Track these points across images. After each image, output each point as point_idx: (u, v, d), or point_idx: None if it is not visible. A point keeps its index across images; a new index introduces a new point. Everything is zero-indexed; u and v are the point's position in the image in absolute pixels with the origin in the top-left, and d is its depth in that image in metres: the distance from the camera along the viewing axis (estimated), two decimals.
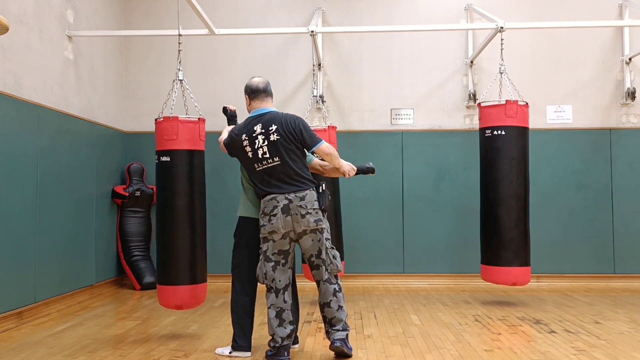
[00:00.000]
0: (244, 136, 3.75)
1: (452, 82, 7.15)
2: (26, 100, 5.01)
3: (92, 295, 6.10)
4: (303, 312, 5.23)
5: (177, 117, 4.30)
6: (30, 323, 4.87)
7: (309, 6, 7.18)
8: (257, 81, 3.94)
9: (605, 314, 5.15)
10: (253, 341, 3.94)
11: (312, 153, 3.99)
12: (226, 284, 6.51)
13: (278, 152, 3.68)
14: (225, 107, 4.19)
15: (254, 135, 3.73)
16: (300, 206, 3.64)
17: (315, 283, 3.83)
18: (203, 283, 4.36)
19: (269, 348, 3.73)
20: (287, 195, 3.65)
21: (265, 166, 3.69)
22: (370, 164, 4.04)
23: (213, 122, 6.80)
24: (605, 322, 4.79)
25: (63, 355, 3.90)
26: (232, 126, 4.01)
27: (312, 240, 3.70)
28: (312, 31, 5.90)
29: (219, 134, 4.12)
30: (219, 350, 3.92)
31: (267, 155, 3.68)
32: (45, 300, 5.20)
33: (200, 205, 4.39)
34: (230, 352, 3.84)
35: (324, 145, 3.78)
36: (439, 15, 7.15)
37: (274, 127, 3.72)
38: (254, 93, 3.89)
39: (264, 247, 3.71)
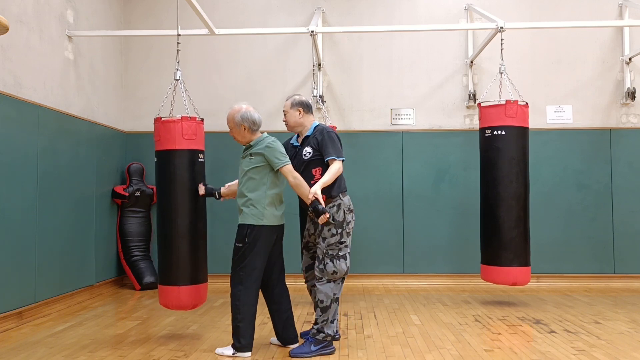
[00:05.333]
0: None
1: (452, 82, 7.15)
2: (26, 100, 5.01)
3: (92, 295, 6.10)
4: (303, 312, 5.24)
5: (160, 118, 4.28)
6: (30, 323, 4.87)
7: (309, 6, 7.18)
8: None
9: (605, 314, 5.15)
10: (253, 341, 3.93)
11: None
12: (226, 284, 6.51)
13: None
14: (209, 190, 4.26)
15: None
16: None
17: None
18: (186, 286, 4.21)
19: (319, 341, 3.83)
20: None
21: None
22: (322, 208, 3.76)
23: (213, 122, 6.81)
24: (605, 322, 4.79)
25: (63, 355, 3.90)
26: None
27: None
28: (312, 31, 5.90)
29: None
30: (219, 351, 3.91)
31: None
32: (45, 300, 5.20)
33: (181, 205, 4.18)
34: (233, 353, 3.82)
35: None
36: (439, 15, 7.15)
37: None
38: (308, 107, 4.13)
39: (347, 241, 3.92)
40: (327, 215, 3.70)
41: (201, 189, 4.21)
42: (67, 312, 5.36)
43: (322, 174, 3.88)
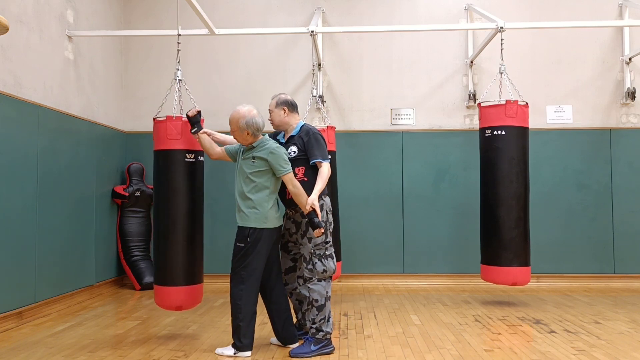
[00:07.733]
0: None
1: (452, 82, 7.15)
2: (26, 100, 5.01)
3: (92, 295, 6.10)
4: None
5: (155, 119, 4.32)
6: (30, 323, 4.87)
7: (309, 6, 7.18)
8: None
9: (605, 314, 5.15)
10: (254, 341, 3.93)
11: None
12: (226, 284, 6.51)
13: None
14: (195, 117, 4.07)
15: None
16: None
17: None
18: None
19: (319, 340, 3.85)
20: None
21: None
22: (317, 221, 3.75)
23: (213, 122, 6.82)
24: (605, 322, 4.79)
25: (63, 355, 3.90)
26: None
27: None
28: (312, 31, 5.90)
29: (218, 133, 4.18)
30: (219, 351, 3.92)
31: None
32: (45, 300, 5.20)
33: (170, 205, 4.19)
34: (234, 353, 3.82)
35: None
36: (439, 15, 7.15)
37: None
38: (293, 106, 4.15)
39: (331, 240, 4.01)
40: (322, 230, 3.74)
41: (192, 112, 4.05)
42: (67, 312, 5.36)
43: (304, 174, 3.92)
